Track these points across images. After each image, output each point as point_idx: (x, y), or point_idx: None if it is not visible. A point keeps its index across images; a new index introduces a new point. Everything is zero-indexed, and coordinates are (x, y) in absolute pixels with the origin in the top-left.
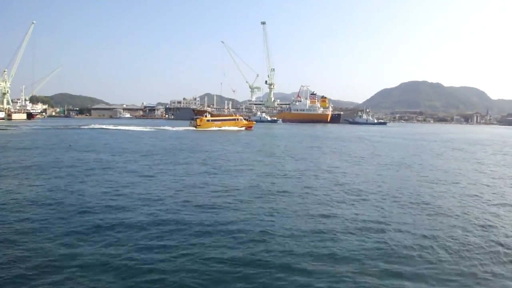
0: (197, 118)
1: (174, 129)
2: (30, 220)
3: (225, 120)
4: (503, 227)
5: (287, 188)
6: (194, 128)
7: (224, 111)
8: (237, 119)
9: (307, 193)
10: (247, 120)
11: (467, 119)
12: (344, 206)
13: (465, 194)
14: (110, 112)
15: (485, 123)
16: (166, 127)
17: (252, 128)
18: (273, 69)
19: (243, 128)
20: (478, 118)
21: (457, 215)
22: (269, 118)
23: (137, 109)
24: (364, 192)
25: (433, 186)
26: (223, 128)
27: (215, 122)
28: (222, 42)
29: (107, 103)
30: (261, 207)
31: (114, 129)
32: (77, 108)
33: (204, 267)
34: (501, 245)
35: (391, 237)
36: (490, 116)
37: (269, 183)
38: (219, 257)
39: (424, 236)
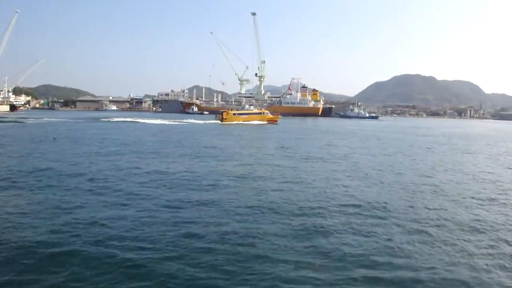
0: (223, 112)
1: (201, 122)
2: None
3: (251, 114)
4: None
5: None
6: (219, 122)
7: (213, 103)
8: (263, 113)
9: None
10: (275, 114)
11: (460, 113)
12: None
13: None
14: (96, 104)
15: (479, 118)
16: (191, 120)
17: (277, 122)
18: (264, 61)
19: (266, 122)
20: (472, 112)
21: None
22: (256, 111)
23: (123, 101)
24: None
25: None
26: (248, 122)
27: (241, 116)
28: (211, 33)
29: (93, 95)
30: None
31: (140, 122)
32: (62, 100)
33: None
34: None
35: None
36: (483, 110)
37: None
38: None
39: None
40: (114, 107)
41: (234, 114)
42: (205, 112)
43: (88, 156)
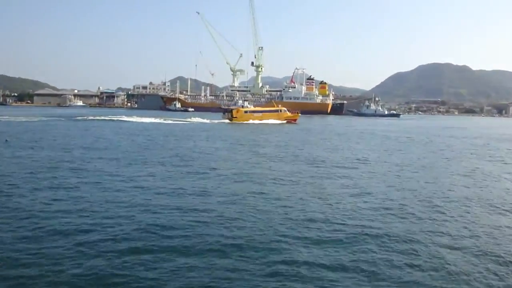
0: (233, 109)
1: (206, 121)
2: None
3: (266, 111)
4: None
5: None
6: (228, 121)
7: (200, 98)
8: (280, 111)
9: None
10: (293, 112)
11: (500, 110)
12: None
13: None
14: (58, 99)
15: None
16: (196, 119)
17: (297, 121)
18: (261, 47)
19: (285, 122)
20: None
21: None
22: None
23: (92, 96)
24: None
25: None
26: (263, 121)
27: (254, 114)
28: (198, 13)
29: (54, 88)
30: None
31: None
32: (16, 94)
33: None
34: None
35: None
36: None
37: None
38: None
39: None
40: (80, 103)
41: (246, 112)
42: (189, 109)
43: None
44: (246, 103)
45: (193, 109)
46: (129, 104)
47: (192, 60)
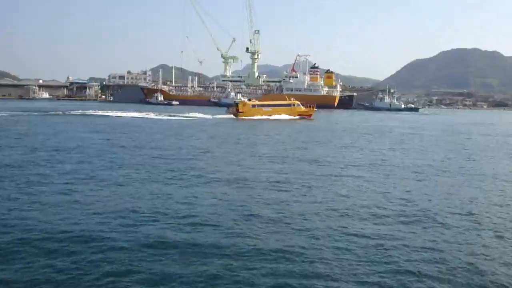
0: (239, 103)
1: (208, 117)
2: None
3: (276, 105)
4: None
5: None
6: (233, 117)
7: (186, 90)
8: (293, 105)
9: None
10: (308, 106)
11: None
12: None
13: None
14: (20, 91)
15: None
16: (199, 115)
17: (312, 117)
18: (258, 31)
19: (298, 117)
20: None
21: None
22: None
23: (59, 87)
24: None
25: None
26: (273, 116)
27: (264, 109)
28: None
29: (15, 78)
30: None
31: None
32: None
33: None
34: None
35: None
36: None
37: None
38: None
39: None
40: (45, 95)
41: (254, 106)
42: (174, 102)
43: None
44: (239, 95)
45: (177, 103)
46: (103, 96)
47: (178, 45)
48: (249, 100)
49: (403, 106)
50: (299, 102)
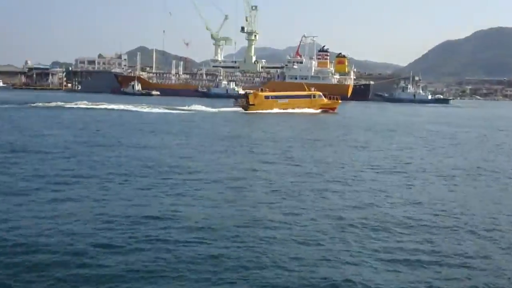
0: (250, 93)
1: (212, 110)
2: None
3: (293, 96)
4: None
5: None
6: (243, 110)
7: (170, 78)
8: (313, 96)
9: None
10: (331, 98)
11: None
12: None
13: None
14: None
15: None
16: (194, 107)
17: (336, 110)
18: (255, 7)
19: (319, 111)
20: None
21: None
22: (242, 92)
23: (16, 73)
24: None
25: None
26: (290, 110)
27: (279, 101)
28: None
29: None
30: None
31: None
32: None
33: None
34: None
35: None
36: None
37: None
38: None
39: None
40: (0, 83)
41: (267, 97)
42: (154, 92)
43: None
44: (232, 84)
45: (158, 93)
46: (69, 85)
47: (159, 24)
48: (261, 90)
49: (430, 97)
50: (320, 93)
